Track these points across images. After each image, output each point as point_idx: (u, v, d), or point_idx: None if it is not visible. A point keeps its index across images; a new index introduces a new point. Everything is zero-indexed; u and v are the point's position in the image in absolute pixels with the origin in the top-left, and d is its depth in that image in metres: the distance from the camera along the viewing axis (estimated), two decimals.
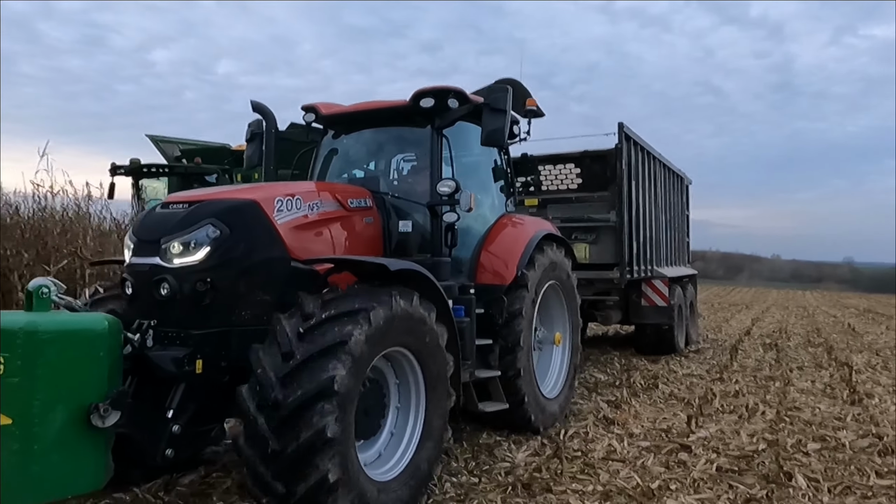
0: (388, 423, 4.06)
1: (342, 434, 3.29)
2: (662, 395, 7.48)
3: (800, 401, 7.29)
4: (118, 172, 10.32)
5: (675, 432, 5.83)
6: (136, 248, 3.91)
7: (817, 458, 5.11)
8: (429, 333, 4.01)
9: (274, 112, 5.52)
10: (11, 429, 2.85)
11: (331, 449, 3.22)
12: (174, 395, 3.62)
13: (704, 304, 26.00)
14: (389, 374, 4.06)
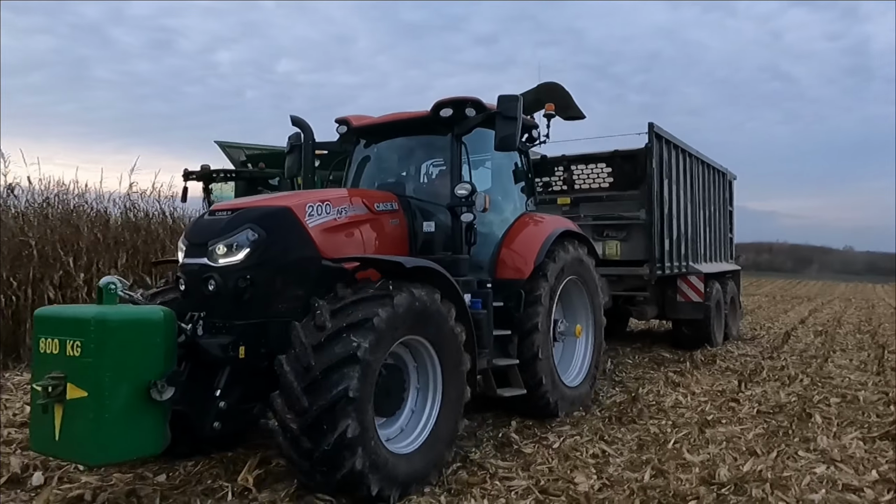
0: (408, 402, 4.53)
1: (362, 396, 3.81)
2: (719, 368, 8.93)
3: (834, 373, 8.73)
4: (190, 177, 11.04)
5: (728, 392, 7.37)
6: (188, 249, 4.52)
7: (834, 407, 6.73)
8: (442, 322, 4.47)
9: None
10: (87, 400, 3.46)
11: (351, 407, 3.74)
12: (221, 376, 4.19)
13: (767, 296, 27.20)
14: (409, 360, 4.54)
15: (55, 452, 3.73)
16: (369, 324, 3.91)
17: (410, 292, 4.22)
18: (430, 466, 4.42)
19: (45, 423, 3.59)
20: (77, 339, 3.51)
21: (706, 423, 5.99)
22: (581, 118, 11.44)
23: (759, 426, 5.90)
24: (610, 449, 5.23)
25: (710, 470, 4.65)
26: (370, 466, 3.86)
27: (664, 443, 5.42)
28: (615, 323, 11.76)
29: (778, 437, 5.58)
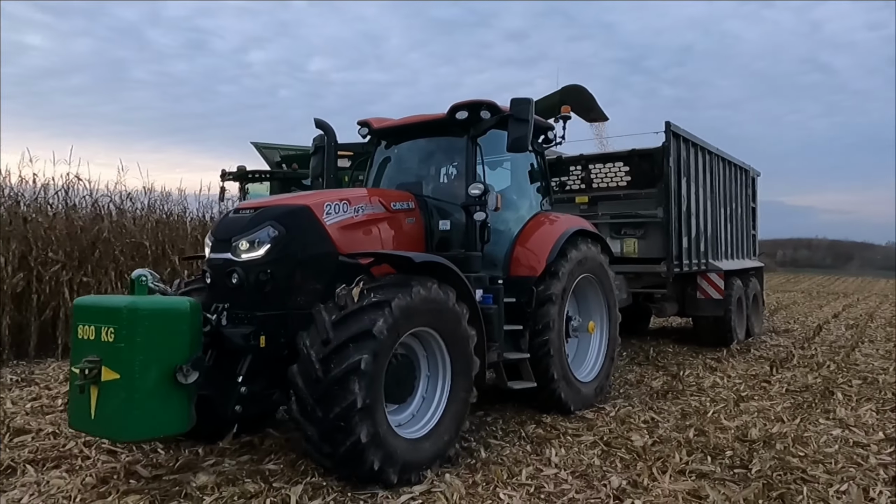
0: (419, 389, 4.78)
1: (374, 369, 4.09)
2: (753, 356, 9.87)
3: (860, 360, 9.58)
4: (227, 178, 11.51)
5: (760, 375, 8.33)
6: (214, 245, 4.83)
7: (855, 387, 7.60)
8: (449, 315, 4.70)
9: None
10: (119, 382, 3.78)
11: (363, 378, 4.01)
12: (243, 364, 4.47)
13: (803, 292, 27.50)
14: (419, 349, 4.78)
15: (91, 430, 4.07)
16: (389, 306, 4.21)
17: (416, 288, 4.45)
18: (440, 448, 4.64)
19: (82, 403, 3.92)
20: (111, 326, 3.83)
21: (740, 399, 7.02)
22: (604, 120, 11.59)
23: (786, 401, 6.90)
24: (658, 416, 6.24)
25: (743, 431, 5.66)
26: (374, 438, 4.08)
27: (704, 413, 6.39)
28: (637, 320, 11.86)
29: (802, 409, 6.56)
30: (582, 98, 11.53)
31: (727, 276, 10.47)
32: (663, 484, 4.37)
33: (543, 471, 4.67)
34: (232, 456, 4.85)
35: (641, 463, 4.82)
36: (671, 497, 4.18)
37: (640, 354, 9.77)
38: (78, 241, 9.70)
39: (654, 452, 5.06)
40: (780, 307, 19.63)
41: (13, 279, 8.85)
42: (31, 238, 9.20)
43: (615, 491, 4.30)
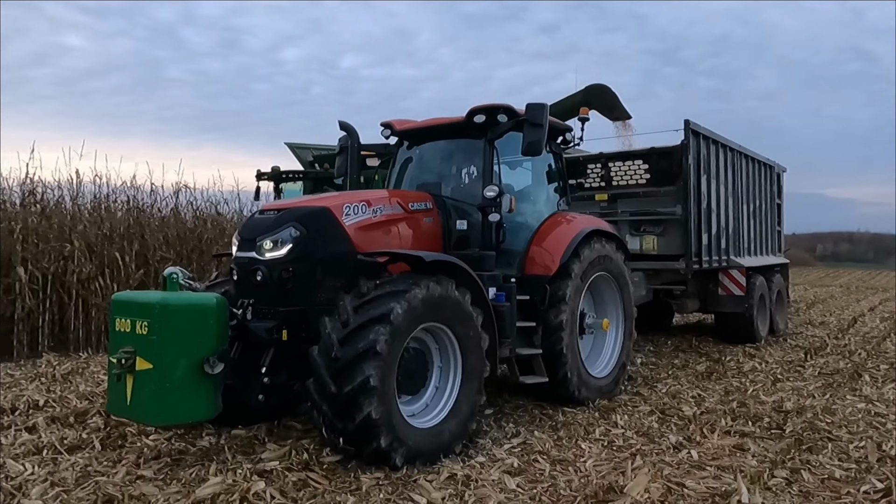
0: (432, 380, 5.03)
1: (388, 352, 4.37)
2: (789, 345, 10.74)
3: (889, 349, 10.20)
4: (262, 178, 11.90)
5: (796, 361, 9.17)
6: (240, 244, 5.13)
7: (882, 371, 8.36)
8: (460, 311, 4.93)
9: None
10: (152, 371, 4.11)
11: (377, 359, 4.28)
12: (266, 356, 4.77)
13: (842, 287, 27.90)
14: (431, 343, 5.03)
15: (127, 415, 4.41)
16: (406, 296, 4.52)
17: (429, 283, 4.71)
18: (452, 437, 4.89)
19: (119, 391, 4.26)
20: (145, 320, 4.16)
21: (777, 380, 7.86)
22: (627, 118, 11.65)
23: (818, 382, 7.74)
24: (704, 393, 7.15)
25: (778, 404, 6.51)
26: (384, 415, 4.34)
27: (744, 391, 7.21)
28: (660, 316, 11.94)
29: (832, 388, 7.40)
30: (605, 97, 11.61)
31: (749, 273, 10.49)
32: (712, 440, 5.32)
33: (612, 430, 5.65)
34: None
35: (693, 425, 5.75)
36: (720, 449, 5.07)
37: (684, 343, 10.55)
38: (186, 242, 11.22)
39: (703, 418, 6.00)
40: (818, 301, 20.08)
41: (136, 274, 10.26)
42: (149, 239, 10.77)
43: (673, 445, 5.23)
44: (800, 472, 4.52)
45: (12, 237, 9.32)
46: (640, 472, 4.37)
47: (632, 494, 4.02)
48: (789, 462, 4.72)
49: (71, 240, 9.85)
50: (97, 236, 10.19)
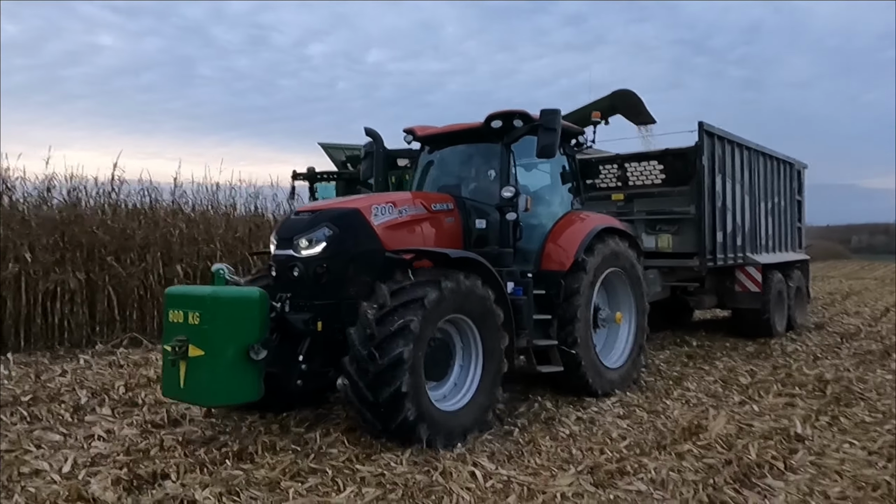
0: (454, 369, 5.47)
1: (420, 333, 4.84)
2: (827, 332, 11.89)
3: None
4: (298, 178, 12.45)
5: (833, 344, 10.45)
6: (278, 243, 5.63)
7: None
8: (483, 304, 5.36)
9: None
10: (203, 357, 4.62)
11: (410, 337, 4.75)
12: (303, 345, 5.26)
13: (877, 279, 28.25)
14: (455, 334, 5.47)
15: (181, 397, 4.92)
16: (438, 285, 5.00)
17: (459, 277, 5.18)
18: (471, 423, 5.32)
19: (173, 375, 4.77)
20: (196, 311, 4.67)
21: (817, 358, 9.28)
22: (652, 123, 11.97)
23: (853, 360, 9.02)
24: (755, 368, 8.42)
25: (819, 375, 7.86)
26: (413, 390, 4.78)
27: (790, 366, 8.57)
28: (680, 313, 12.19)
29: (865, 364, 8.69)
30: (631, 102, 11.93)
31: (766, 270, 10.72)
32: (768, 399, 6.78)
33: (686, 393, 7.16)
34: None
35: (751, 389, 7.23)
36: (774, 405, 6.54)
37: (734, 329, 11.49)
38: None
39: (757, 385, 7.43)
40: (853, 293, 20.89)
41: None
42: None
43: (737, 402, 6.71)
44: (838, 419, 6.05)
45: (169, 239, 11.02)
46: (718, 417, 5.94)
47: (714, 431, 5.50)
48: (830, 412, 6.23)
49: (214, 241, 11.50)
50: (232, 238, 11.95)
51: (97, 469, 4.46)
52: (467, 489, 4.16)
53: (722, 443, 5.23)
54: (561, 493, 4.15)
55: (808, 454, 5.03)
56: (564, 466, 4.69)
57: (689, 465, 4.75)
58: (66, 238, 9.92)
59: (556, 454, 4.98)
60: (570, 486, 4.27)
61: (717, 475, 4.50)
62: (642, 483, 4.37)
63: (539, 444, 5.18)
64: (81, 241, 10.02)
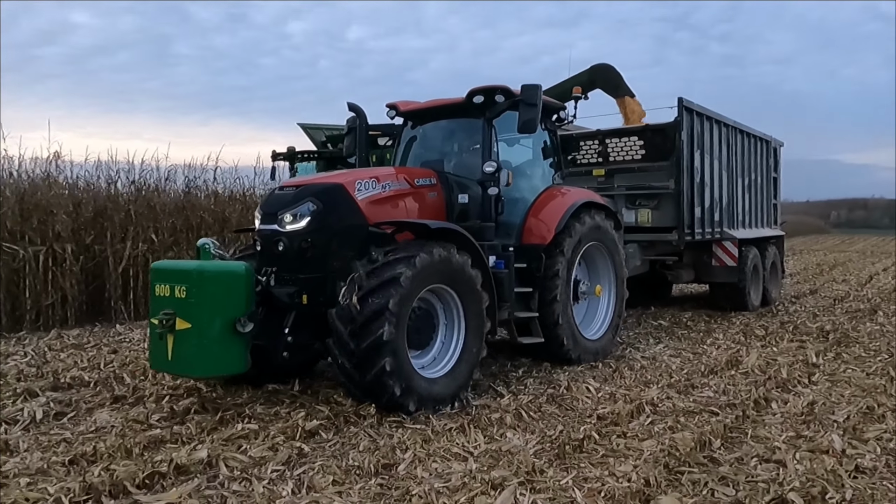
0: (438, 336, 5.60)
1: (398, 311, 4.91)
2: (821, 296, 13.72)
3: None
4: (278, 158, 12.41)
5: (828, 305, 12.17)
6: (262, 218, 5.68)
7: (892, 310, 11.22)
8: (462, 274, 5.48)
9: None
10: (191, 330, 4.69)
11: (389, 318, 4.82)
12: (289, 318, 5.35)
13: (858, 252, 30.23)
14: (436, 303, 5.58)
15: (169, 369, 5.00)
16: (413, 260, 5.07)
17: (433, 248, 5.26)
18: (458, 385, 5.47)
19: (161, 348, 4.84)
20: (183, 285, 4.73)
21: (815, 315, 10.92)
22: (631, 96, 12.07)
23: (846, 316, 10.68)
24: (767, 324, 9.88)
25: (821, 327, 9.44)
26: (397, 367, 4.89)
27: (795, 322, 10.08)
28: (659, 287, 12.40)
29: (856, 319, 10.31)
30: (609, 76, 12.01)
31: (742, 245, 10.93)
32: (783, 343, 8.32)
33: (717, 341, 8.60)
34: None
35: (768, 337, 8.71)
36: (790, 347, 8.08)
37: None
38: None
39: (772, 335, 8.89)
40: (838, 264, 22.91)
41: None
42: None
43: (759, 346, 8.21)
44: (841, 355, 7.66)
45: None
46: (750, 354, 7.53)
47: (749, 363, 7.08)
48: (833, 351, 7.88)
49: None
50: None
51: None
52: (587, 398, 5.76)
53: (758, 369, 6.84)
54: (653, 398, 5.65)
55: (822, 374, 6.70)
56: (648, 384, 6.25)
57: (738, 381, 6.38)
58: (181, 221, 11.13)
59: (638, 378, 6.53)
60: (658, 394, 5.81)
61: (762, 387, 6.12)
62: (710, 392, 6.04)
63: (622, 373, 6.74)
64: (192, 224, 11.18)
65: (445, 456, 4.25)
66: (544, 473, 3.95)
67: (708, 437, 4.57)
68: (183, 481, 3.79)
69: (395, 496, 3.67)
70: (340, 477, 3.88)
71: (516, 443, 4.50)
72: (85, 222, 10.01)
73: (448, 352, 5.55)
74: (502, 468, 3.98)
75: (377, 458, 4.12)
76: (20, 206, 9.48)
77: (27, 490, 3.56)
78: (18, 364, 6.87)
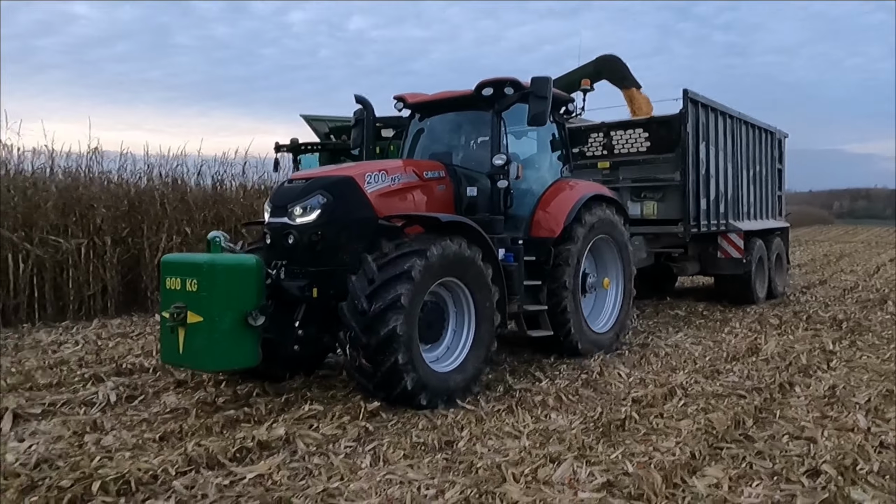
0: (448, 330, 5.58)
1: (410, 305, 4.91)
2: (831, 287, 14.07)
3: None
4: (281, 150, 12.32)
5: (838, 295, 12.53)
6: (272, 211, 5.65)
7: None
8: (473, 267, 5.46)
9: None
10: (202, 323, 4.67)
11: (401, 311, 4.81)
12: (299, 311, 5.33)
13: (863, 242, 30.80)
14: (447, 297, 5.56)
15: (180, 362, 4.98)
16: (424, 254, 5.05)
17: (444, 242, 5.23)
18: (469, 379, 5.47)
19: (172, 341, 4.83)
20: (194, 278, 4.71)
21: (827, 304, 11.34)
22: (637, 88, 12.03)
23: (856, 306, 11.07)
24: (781, 313, 10.28)
25: (833, 316, 9.76)
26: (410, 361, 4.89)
27: (807, 311, 10.32)
28: (663, 280, 12.39)
29: (867, 308, 10.69)
30: (615, 67, 11.98)
31: (748, 237, 10.91)
32: (798, 332, 8.61)
33: (735, 329, 8.97)
34: None
35: (783, 326, 9.04)
36: (805, 335, 8.40)
37: None
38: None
39: (787, 323, 9.23)
40: (844, 255, 23.55)
41: None
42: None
43: (776, 334, 8.53)
44: (855, 342, 7.95)
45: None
46: (769, 342, 7.83)
47: (767, 350, 7.39)
48: (848, 339, 8.18)
49: None
50: None
51: None
52: (619, 383, 6.07)
53: (777, 356, 7.14)
54: (682, 382, 5.99)
55: (840, 361, 6.98)
56: (675, 370, 6.58)
57: (761, 367, 6.68)
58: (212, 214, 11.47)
59: (664, 364, 6.87)
60: (686, 379, 6.14)
61: (784, 372, 6.44)
62: (734, 377, 6.31)
63: (649, 360, 7.06)
64: (223, 217, 11.52)
65: (498, 434, 4.60)
66: (594, 449, 4.29)
67: (741, 416, 4.92)
68: (268, 455, 4.15)
69: (461, 469, 4.00)
70: (409, 452, 4.26)
71: (561, 423, 4.86)
72: (121, 215, 10.43)
73: (459, 345, 5.54)
74: (554, 444, 4.36)
75: (438, 436, 4.51)
76: (63, 201, 9.87)
77: (132, 462, 3.87)
78: (76, 352, 7.28)
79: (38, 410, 5.00)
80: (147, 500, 3.55)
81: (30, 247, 9.14)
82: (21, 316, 9.00)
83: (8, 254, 8.96)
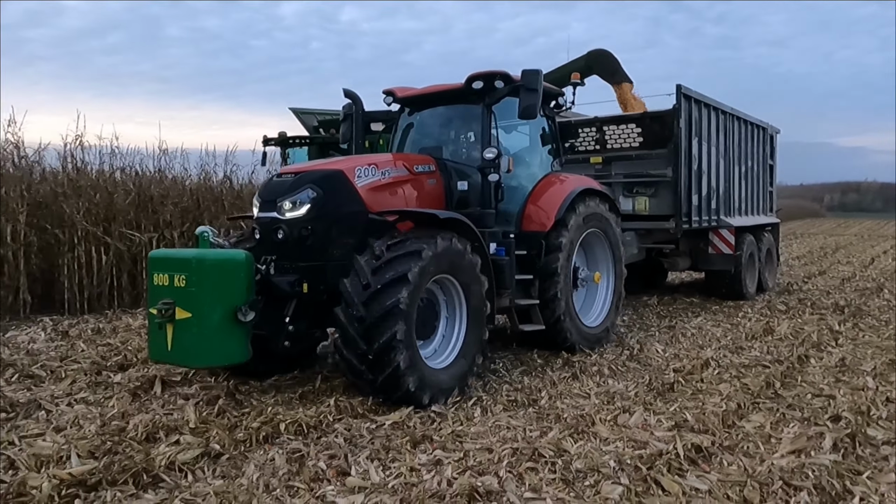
0: (441, 325, 5.55)
1: (409, 308, 4.85)
2: (829, 277, 15.03)
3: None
4: (269, 143, 12.21)
5: (838, 285, 13.52)
6: (261, 205, 5.59)
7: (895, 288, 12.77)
8: (465, 262, 5.43)
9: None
10: (191, 320, 4.61)
11: (401, 316, 4.76)
12: (289, 306, 5.28)
13: (856, 235, 31.85)
14: (438, 292, 5.52)
15: (169, 359, 4.92)
16: (421, 254, 4.99)
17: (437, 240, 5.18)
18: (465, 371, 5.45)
19: (160, 338, 4.76)
20: (182, 274, 4.65)
21: (828, 292, 12.34)
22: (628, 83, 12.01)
23: (855, 293, 12.11)
24: (787, 300, 11.26)
25: (836, 302, 10.84)
26: (410, 363, 4.84)
27: (811, 298, 11.38)
28: (655, 275, 12.41)
29: (866, 296, 11.75)
30: (606, 62, 11.97)
31: (739, 233, 10.93)
32: (805, 316, 9.54)
33: (748, 314, 9.85)
34: None
35: (790, 311, 10.00)
36: (812, 318, 9.35)
37: None
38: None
39: (794, 309, 10.21)
40: (839, 247, 24.62)
41: None
42: None
43: (785, 318, 9.36)
44: (857, 325, 8.90)
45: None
46: (781, 324, 8.77)
47: (781, 330, 8.35)
48: (851, 321, 9.11)
49: None
50: None
51: None
52: (658, 357, 7.03)
53: (791, 336, 8.11)
54: (712, 356, 6.87)
55: (846, 339, 8.03)
56: (703, 347, 7.53)
57: (778, 344, 7.63)
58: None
59: (692, 342, 7.84)
60: (714, 354, 7.05)
61: (798, 347, 7.37)
62: (756, 352, 7.24)
63: (678, 339, 8.02)
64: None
65: (570, 394, 5.58)
66: (654, 404, 5.27)
67: (771, 379, 5.96)
68: (393, 410, 4.88)
69: (551, 418, 4.88)
70: (507, 405, 5.22)
71: (619, 386, 5.82)
72: (185, 210, 11.28)
73: (451, 340, 5.51)
74: (619, 401, 5.33)
75: (524, 396, 5.46)
76: (139, 197, 10.82)
77: (297, 412, 4.75)
78: None
79: (178, 378, 5.72)
80: (320, 438, 4.39)
81: (110, 240, 10.14)
82: (103, 303, 10.02)
83: (91, 247, 9.98)
